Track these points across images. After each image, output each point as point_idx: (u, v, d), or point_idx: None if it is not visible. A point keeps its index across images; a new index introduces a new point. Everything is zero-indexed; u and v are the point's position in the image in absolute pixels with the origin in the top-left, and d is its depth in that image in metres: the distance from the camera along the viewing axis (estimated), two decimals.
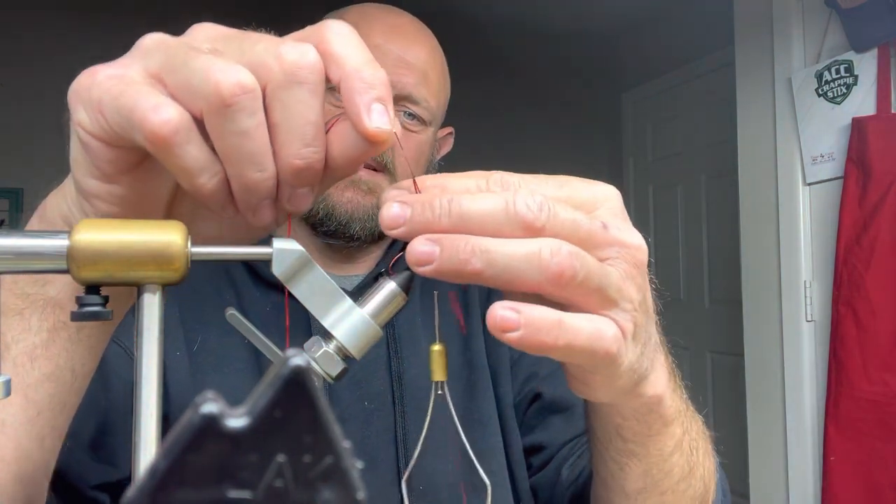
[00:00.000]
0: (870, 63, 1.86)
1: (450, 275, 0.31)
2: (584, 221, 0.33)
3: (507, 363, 0.76)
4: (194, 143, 0.30)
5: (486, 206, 0.32)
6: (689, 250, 3.27)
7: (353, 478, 0.18)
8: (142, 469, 0.30)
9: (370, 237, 0.73)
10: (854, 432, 1.83)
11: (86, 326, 0.39)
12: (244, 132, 0.30)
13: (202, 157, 0.31)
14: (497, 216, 0.31)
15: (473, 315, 0.78)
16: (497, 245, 0.31)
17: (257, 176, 0.31)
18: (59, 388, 0.39)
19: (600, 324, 0.33)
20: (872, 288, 1.80)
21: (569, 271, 0.31)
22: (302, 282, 0.34)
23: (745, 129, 2.27)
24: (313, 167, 0.32)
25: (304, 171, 0.32)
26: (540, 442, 0.74)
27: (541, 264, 0.31)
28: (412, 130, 0.75)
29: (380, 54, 0.72)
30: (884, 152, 1.80)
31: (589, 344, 0.33)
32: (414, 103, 0.74)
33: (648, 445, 0.46)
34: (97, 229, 0.30)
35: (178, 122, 0.30)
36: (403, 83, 0.72)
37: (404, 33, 0.75)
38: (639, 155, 3.58)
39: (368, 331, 0.35)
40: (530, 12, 3.24)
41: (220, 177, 0.31)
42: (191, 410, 0.16)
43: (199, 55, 0.31)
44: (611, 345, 0.33)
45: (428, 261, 0.31)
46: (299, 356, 0.17)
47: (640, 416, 0.44)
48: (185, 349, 0.66)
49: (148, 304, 0.31)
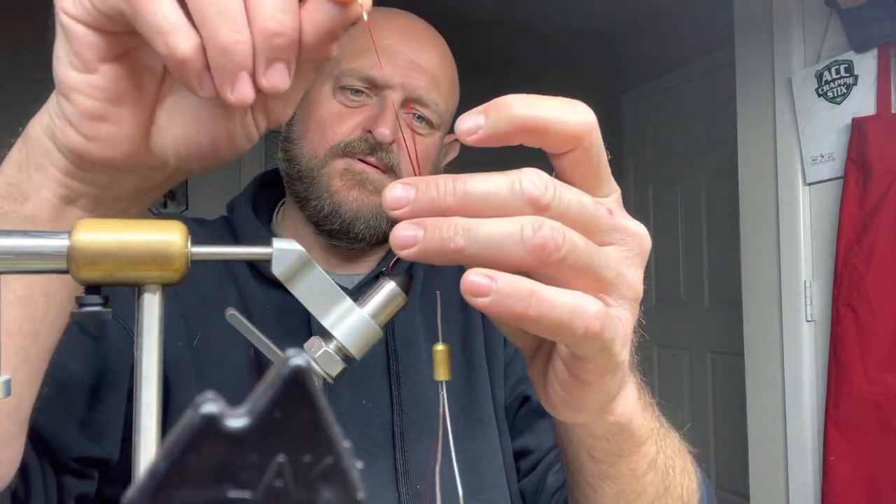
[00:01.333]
0: (870, 63, 1.86)
1: (434, 255, 0.31)
2: (591, 204, 0.33)
3: (501, 365, 0.76)
4: (168, 3, 0.31)
5: (492, 184, 0.31)
6: (689, 250, 3.27)
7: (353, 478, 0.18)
8: (142, 469, 0.30)
9: (374, 238, 0.73)
10: (854, 432, 1.83)
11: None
12: None
13: (176, 16, 0.31)
14: (502, 193, 0.31)
15: (474, 316, 0.78)
16: (481, 223, 0.31)
17: (233, 37, 0.31)
18: (31, 311, 0.38)
19: (583, 299, 0.31)
20: (872, 288, 1.80)
21: (551, 243, 0.30)
22: (302, 282, 0.34)
23: (745, 129, 2.27)
24: (287, 34, 0.32)
25: (278, 37, 0.31)
26: (527, 446, 0.74)
27: (523, 238, 0.30)
28: (420, 133, 0.75)
29: (391, 56, 0.72)
30: (884, 152, 1.80)
31: (568, 317, 0.31)
32: (423, 106, 0.74)
33: (620, 465, 0.45)
34: (97, 229, 0.30)
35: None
36: (414, 85, 0.72)
37: (417, 37, 0.75)
38: (639, 155, 3.57)
39: (368, 331, 0.35)
40: (530, 12, 3.24)
41: (195, 41, 0.31)
42: (191, 410, 0.16)
43: None
44: (592, 321, 0.31)
45: (412, 243, 0.31)
46: (299, 356, 0.17)
47: (610, 436, 0.43)
48: (185, 340, 0.66)
49: (148, 304, 0.31)
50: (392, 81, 0.72)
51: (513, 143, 0.33)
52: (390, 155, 0.71)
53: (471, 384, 0.74)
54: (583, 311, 0.31)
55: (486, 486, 0.71)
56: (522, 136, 0.32)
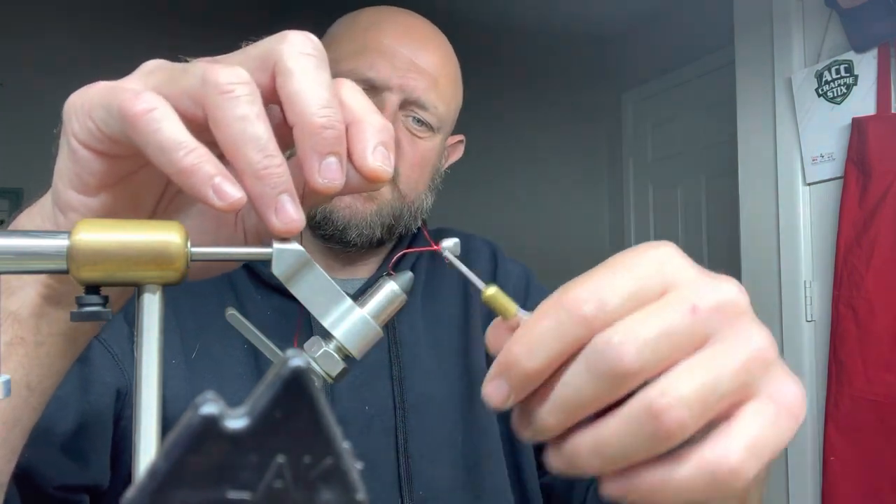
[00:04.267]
0: (870, 63, 1.86)
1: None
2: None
3: None
4: (171, 121, 0.30)
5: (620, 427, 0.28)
6: (689, 250, 3.21)
7: (352, 478, 0.18)
8: (142, 470, 0.29)
9: (368, 244, 0.72)
10: (854, 432, 1.83)
11: (45, 344, 0.38)
12: (244, 117, 0.30)
13: (178, 132, 0.30)
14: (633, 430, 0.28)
15: (473, 321, 0.77)
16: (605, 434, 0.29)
17: (265, 162, 0.30)
18: (13, 402, 0.38)
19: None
20: (872, 288, 1.80)
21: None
22: (302, 282, 0.34)
23: (745, 129, 2.27)
24: (336, 126, 0.31)
25: (327, 130, 0.31)
26: None
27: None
28: (419, 136, 0.73)
29: (389, 56, 0.71)
30: (884, 152, 1.80)
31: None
32: (422, 108, 0.72)
33: None
34: (97, 229, 0.30)
35: (155, 100, 0.30)
36: (412, 87, 0.71)
37: (417, 37, 0.74)
38: (639, 155, 3.57)
39: (368, 331, 0.35)
40: (530, 12, 3.24)
41: (199, 152, 0.30)
42: (190, 411, 0.16)
43: (198, 65, 0.31)
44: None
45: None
46: (299, 357, 0.17)
47: None
48: (181, 357, 0.65)
49: (148, 304, 0.31)
50: (390, 83, 0.71)
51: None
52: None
53: (471, 389, 0.74)
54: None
55: (488, 490, 0.71)
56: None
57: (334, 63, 0.73)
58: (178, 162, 0.30)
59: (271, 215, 0.31)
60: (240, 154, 0.30)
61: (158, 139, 0.30)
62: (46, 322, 0.38)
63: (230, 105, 0.30)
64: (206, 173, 0.30)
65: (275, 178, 0.30)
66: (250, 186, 0.31)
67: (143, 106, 0.30)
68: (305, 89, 0.31)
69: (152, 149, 0.30)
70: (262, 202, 0.31)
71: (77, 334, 0.40)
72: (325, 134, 0.31)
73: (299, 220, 0.31)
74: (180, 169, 0.30)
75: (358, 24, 0.75)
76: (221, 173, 0.30)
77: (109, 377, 0.61)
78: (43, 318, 0.38)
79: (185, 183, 0.30)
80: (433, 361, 0.73)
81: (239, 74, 0.31)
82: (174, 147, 0.30)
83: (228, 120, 0.30)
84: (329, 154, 0.31)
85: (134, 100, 0.30)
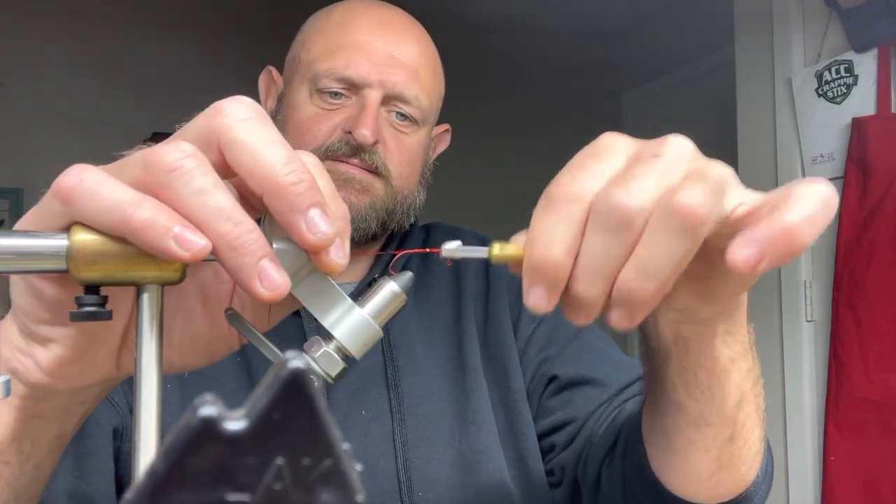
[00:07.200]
0: (870, 63, 1.86)
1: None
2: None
3: (515, 356, 0.75)
4: (108, 182, 0.29)
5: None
6: None
7: (352, 480, 0.18)
8: (141, 471, 0.29)
9: (363, 238, 0.71)
10: (854, 432, 1.83)
11: (32, 457, 0.38)
12: (201, 189, 0.29)
13: (120, 189, 0.29)
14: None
15: (465, 317, 0.77)
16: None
17: (236, 230, 0.29)
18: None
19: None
20: (872, 288, 1.80)
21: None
22: (302, 282, 0.34)
23: (745, 129, 2.27)
24: (306, 178, 0.30)
25: (298, 185, 0.30)
26: (563, 420, 0.72)
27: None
28: (404, 132, 0.72)
29: (367, 51, 0.69)
30: (884, 152, 1.80)
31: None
32: (405, 102, 0.71)
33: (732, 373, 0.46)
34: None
35: (83, 170, 0.29)
36: (393, 81, 0.69)
37: (393, 28, 0.72)
38: None
39: (368, 330, 0.35)
40: (530, 12, 3.24)
41: (149, 204, 0.29)
42: (189, 413, 0.16)
43: (135, 154, 0.31)
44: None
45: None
46: (298, 358, 0.17)
47: (730, 335, 0.45)
48: (175, 379, 0.65)
49: (148, 304, 0.31)
50: (370, 79, 0.69)
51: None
52: (374, 156, 0.69)
53: (464, 386, 0.73)
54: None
55: (487, 486, 0.71)
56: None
57: (309, 64, 0.71)
58: (129, 220, 0.28)
59: (256, 285, 0.29)
60: (208, 229, 0.29)
61: (99, 202, 0.28)
62: (30, 441, 0.37)
63: (182, 182, 0.29)
64: (163, 225, 0.28)
65: (251, 245, 0.29)
66: (228, 259, 0.29)
67: (70, 178, 0.29)
68: (261, 154, 0.30)
69: (99, 216, 0.29)
70: (244, 273, 0.29)
71: (66, 435, 0.39)
72: (298, 189, 0.30)
73: (284, 283, 0.30)
74: (133, 227, 0.28)
75: (330, 20, 0.73)
76: (180, 223, 0.28)
77: (103, 419, 0.61)
78: (25, 439, 0.37)
79: (143, 240, 0.28)
80: (427, 361, 0.73)
81: (183, 149, 0.29)
82: (119, 205, 0.28)
83: (184, 197, 0.29)
84: (310, 207, 0.30)
85: (61, 179, 0.29)
